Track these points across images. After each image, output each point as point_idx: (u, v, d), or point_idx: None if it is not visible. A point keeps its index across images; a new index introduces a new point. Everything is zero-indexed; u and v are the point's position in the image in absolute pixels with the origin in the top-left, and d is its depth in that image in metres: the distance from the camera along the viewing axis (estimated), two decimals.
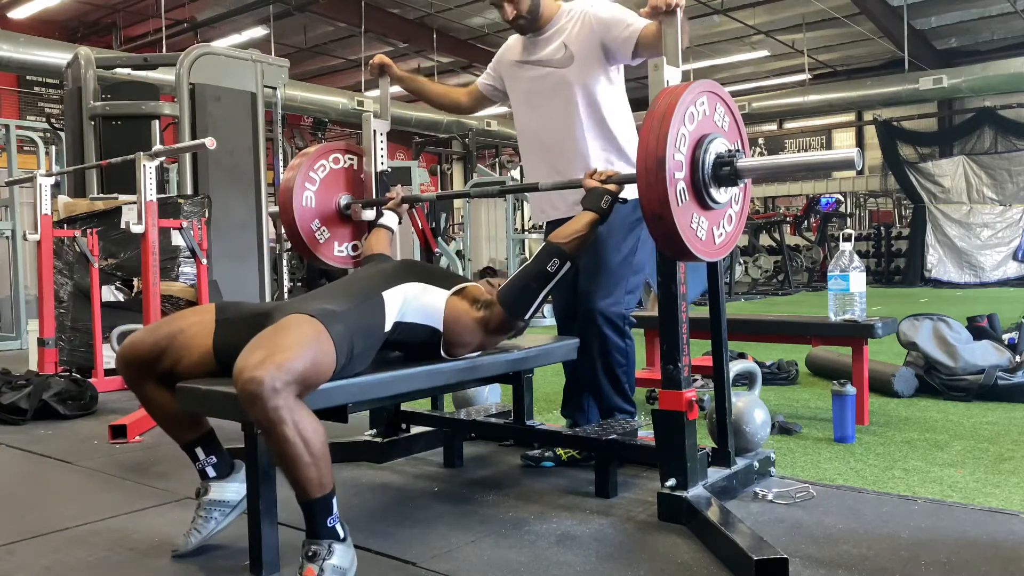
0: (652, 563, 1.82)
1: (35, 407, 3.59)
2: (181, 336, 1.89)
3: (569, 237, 2.11)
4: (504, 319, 2.13)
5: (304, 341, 1.66)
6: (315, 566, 1.62)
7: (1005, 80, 11.64)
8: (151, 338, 1.90)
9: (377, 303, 1.96)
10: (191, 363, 1.89)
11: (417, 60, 15.20)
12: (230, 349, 1.77)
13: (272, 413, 1.55)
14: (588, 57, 2.49)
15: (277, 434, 1.58)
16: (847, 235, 3.35)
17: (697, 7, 11.81)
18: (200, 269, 4.15)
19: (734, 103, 2.04)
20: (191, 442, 1.98)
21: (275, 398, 1.55)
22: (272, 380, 1.55)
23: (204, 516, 1.95)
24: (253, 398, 1.55)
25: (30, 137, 7.58)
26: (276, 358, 1.58)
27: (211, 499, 1.97)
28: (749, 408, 2.43)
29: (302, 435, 1.59)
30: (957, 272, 12.42)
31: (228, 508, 1.97)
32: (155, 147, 3.89)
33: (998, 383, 3.56)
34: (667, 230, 1.81)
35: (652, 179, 1.78)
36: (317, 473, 1.63)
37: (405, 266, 2.20)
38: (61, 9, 12.86)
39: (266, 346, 1.63)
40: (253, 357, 1.59)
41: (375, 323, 1.94)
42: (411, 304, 2.04)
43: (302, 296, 2.08)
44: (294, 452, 1.59)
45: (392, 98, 3.05)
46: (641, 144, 1.81)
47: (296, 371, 1.59)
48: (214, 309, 1.97)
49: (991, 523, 2.03)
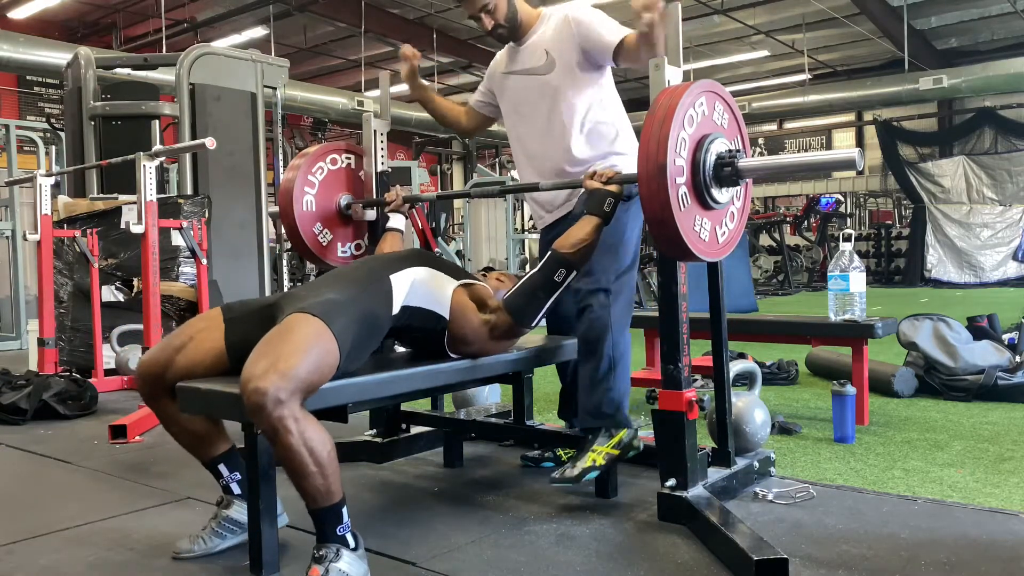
0: (652, 563, 1.82)
1: (35, 407, 3.59)
2: (192, 344, 1.91)
3: (575, 247, 2.07)
4: (511, 326, 2.13)
5: (306, 344, 1.68)
6: (320, 567, 1.63)
7: (1005, 80, 11.64)
8: (162, 352, 1.92)
9: (384, 286, 1.98)
10: (206, 367, 1.90)
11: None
12: (242, 346, 1.81)
13: (277, 423, 1.58)
14: (570, 61, 2.41)
15: (282, 443, 1.60)
16: (847, 235, 3.35)
17: (697, 7, 11.81)
18: (200, 269, 4.15)
19: (734, 102, 2.04)
20: (214, 459, 1.99)
21: (279, 408, 1.57)
22: (276, 391, 1.57)
23: (218, 531, 1.95)
24: (258, 408, 1.57)
25: (30, 137, 7.59)
26: (280, 366, 1.60)
27: (230, 516, 1.97)
28: (749, 408, 2.44)
29: (307, 444, 1.60)
30: (957, 272, 12.42)
31: (243, 531, 1.94)
32: (155, 147, 3.89)
33: (998, 383, 3.56)
34: (670, 233, 1.81)
35: (654, 184, 1.78)
36: (324, 482, 1.64)
37: (414, 252, 2.22)
38: (61, 9, 12.86)
39: (270, 354, 1.64)
40: (258, 366, 1.61)
41: (381, 308, 1.96)
42: (418, 288, 2.05)
43: (310, 283, 2.09)
44: (299, 461, 1.60)
45: (392, 98, 3.05)
46: (642, 148, 1.81)
47: (300, 379, 1.62)
48: (220, 311, 1.98)
49: (991, 523, 2.03)
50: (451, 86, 17.47)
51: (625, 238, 2.37)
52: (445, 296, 2.10)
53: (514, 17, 2.47)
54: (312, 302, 1.80)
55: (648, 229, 1.91)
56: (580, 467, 2.16)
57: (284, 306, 1.88)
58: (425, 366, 2.13)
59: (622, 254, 2.36)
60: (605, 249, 2.25)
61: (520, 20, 2.49)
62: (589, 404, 2.29)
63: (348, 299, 1.86)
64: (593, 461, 2.17)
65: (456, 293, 2.12)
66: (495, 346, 2.20)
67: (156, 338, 3.53)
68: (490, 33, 2.51)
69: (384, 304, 1.96)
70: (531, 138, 2.53)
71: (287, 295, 1.98)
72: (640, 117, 1.86)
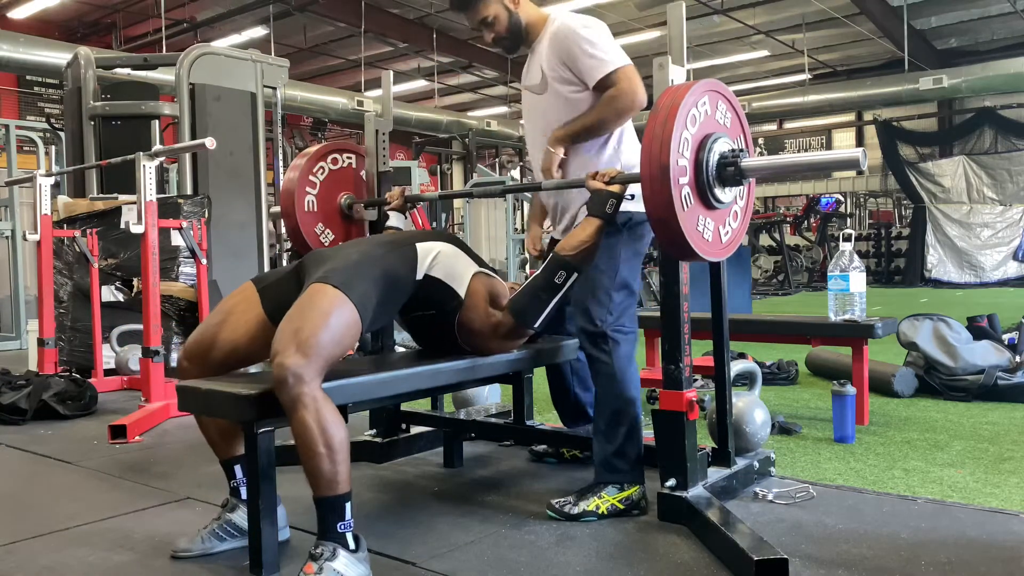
0: (652, 563, 1.82)
1: (35, 407, 3.59)
2: (232, 318, 1.99)
3: (576, 249, 2.06)
4: (515, 327, 2.15)
5: (328, 317, 1.74)
6: (315, 564, 1.63)
7: (1005, 80, 11.63)
8: (204, 332, 1.99)
9: (409, 252, 2.06)
10: (250, 337, 1.97)
11: (417, 60, 15.20)
12: (280, 309, 1.87)
13: (297, 398, 1.64)
14: (561, 79, 2.26)
15: (297, 418, 1.65)
16: (847, 235, 3.35)
17: (697, 7, 11.81)
18: (200, 269, 4.15)
19: (737, 101, 2.04)
20: (233, 459, 2.00)
21: (300, 385, 1.64)
22: (297, 367, 1.64)
23: (218, 533, 1.95)
24: (281, 383, 1.65)
25: (30, 137, 7.58)
26: (301, 343, 1.67)
27: (232, 520, 1.97)
28: (749, 408, 2.44)
29: (320, 423, 1.65)
30: (957, 272, 12.43)
31: (242, 536, 1.93)
32: (155, 147, 3.89)
33: (998, 383, 3.56)
34: (673, 234, 1.81)
35: (656, 184, 1.78)
36: (331, 467, 1.66)
37: (441, 231, 2.27)
38: (61, 9, 12.85)
39: (293, 330, 1.71)
40: (281, 341, 1.69)
41: (404, 268, 2.02)
42: (442, 261, 2.10)
43: (338, 246, 2.15)
44: (311, 437, 1.65)
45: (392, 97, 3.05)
46: (644, 149, 1.80)
47: (321, 355, 1.69)
48: (251, 283, 2.07)
49: (991, 523, 2.03)
50: (451, 86, 17.48)
51: (621, 276, 2.23)
52: (465, 276, 2.14)
53: (517, 26, 2.34)
54: (331, 269, 1.86)
55: (652, 229, 1.90)
56: (582, 508, 2.13)
57: (310, 267, 1.96)
58: (425, 366, 2.13)
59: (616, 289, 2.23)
60: (599, 284, 2.21)
61: (526, 28, 2.34)
62: (601, 455, 2.22)
63: (369, 259, 1.94)
64: (596, 507, 2.13)
65: (475, 278, 2.16)
66: (499, 344, 2.21)
67: (156, 338, 3.53)
68: (493, 46, 2.44)
69: (408, 266, 2.03)
70: (533, 151, 2.44)
71: (313, 255, 2.04)
72: (641, 117, 1.86)
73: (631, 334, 2.28)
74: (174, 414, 3.56)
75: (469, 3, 2.33)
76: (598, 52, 2.18)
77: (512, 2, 2.33)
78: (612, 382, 2.21)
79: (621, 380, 2.21)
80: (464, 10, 2.37)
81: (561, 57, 2.24)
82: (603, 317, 2.21)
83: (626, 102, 2.17)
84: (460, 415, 2.83)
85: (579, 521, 2.11)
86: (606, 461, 2.20)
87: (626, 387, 2.22)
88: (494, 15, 2.32)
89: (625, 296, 2.25)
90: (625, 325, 2.25)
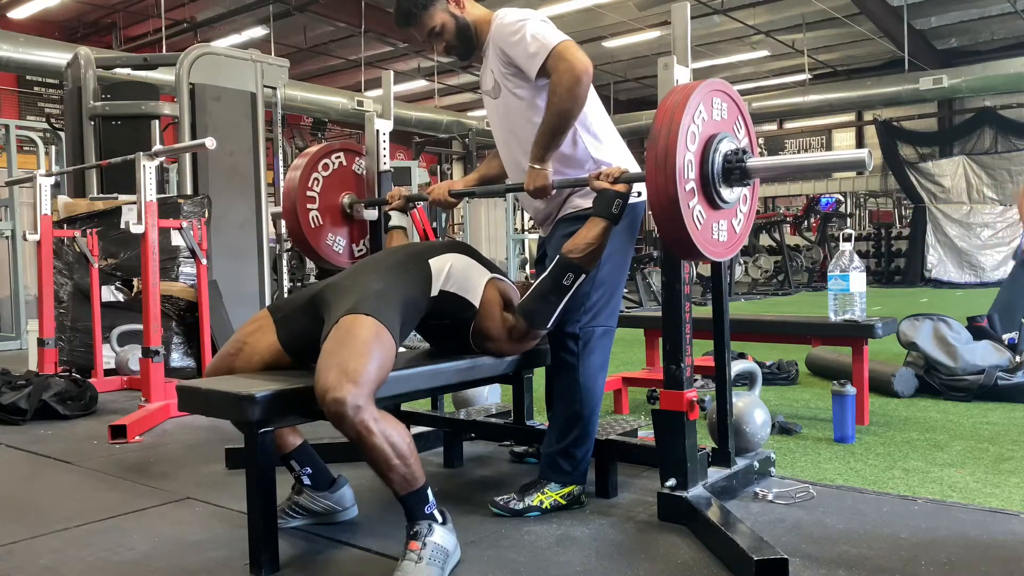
0: (652, 563, 1.82)
1: (35, 407, 3.59)
2: (247, 348, 2.04)
3: (583, 250, 2.05)
4: (526, 329, 2.16)
5: (368, 347, 1.78)
6: (418, 541, 1.74)
7: (1005, 80, 11.64)
8: (221, 362, 2.04)
9: (423, 270, 2.08)
10: (264, 367, 2.03)
11: (417, 60, 15.21)
12: (297, 341, 2.02)
13: (361, 427, 1.70)
14: (510, 79, 2.21)
15: (367, 444, 1.71)
16: (847, 235, 3.35)
17: (697, 7, 11.80)
18: (200, 269, 4.15)
19: (742, 101, 2.04)
20: (286, 455, 2.11)
21: (359, 414, 1.69)
22: (354, 399, 1.68)
23: (288, 512, 2.12)
24: (340, 417, 1.69)
25: (30, 137, 7.59)
26: (351, 374, 1.71)
27: (299, 501, 2.14)
28: (749, 408, 2.43)
29: (389, 440, 1.72)
30: (957, 272, 12.42)
31: (308, 515, 2.15)
32: (155, 147, 3.88)
33: (998, 383, 3.56)
34: (676, 230, 1.81)
35: (662, 183, 1.77)
36: (408, 471, 1.75)
37: (451, 242, 2.29)
38: (61, 9, 12.86)
39: (338, 364, 1.73)
40: (330, 377, 1.71)
41: (420, 291, 2.05)
42: (455, 275, 2.12)
43: (351, 270, 2.13)
44: (384, 456, 1.72)
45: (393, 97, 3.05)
46: (650, 148, 1.80)
47: (371, 382, 1.75)
48: (267, 312, 2.11)
49: (991, 523, 2.03)
50: (451, 86, 17.48)
51: (600, 273, 2.17)
52: (479, 286, 2.16)
53: (466, 31, 2.27)
54: (360, 299, 1.89)
55: (655, 228, 1.90)
56: (527, 503, 2.16)
57: (329, 299, 1.98)
58: (425, 366, 2.13)
59: (595, 288, 2.18)
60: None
61: (475, 30, 2.28)
62: (549, 454, 2.24)
63: (392, 287, 1.97)
64: (540, 502, 2.17)
65: (489, 286, 2.17)
66: (513, 346, 2.24)
67: (156, 338, 3.53)
68: (447, 55, 2.37)
69: (424, 286, 2.06)
70: (504, 155, 2.40)
71: (329, 285, 2.05)
72: (640, 117, 1.87)
73: (607, 335, 2.24)
74: (174, 414, 3.56)
75: (413, 16, 2.26)
76: (529, 46, 2.11)
77: (457, 7, 2.26)
78: (576, 388, 2.19)
79: (588, 390, 2.19)
80: (410, 25, 2.29)
81: (502, 59, 2.20)
82: (576, 316, 2.17)
83: (570, 82, 2.05)
84: (460, 415, 2.82)
85: (523, 516, 2.15)
86: (552, 459, 2.23)
87: (590, 397, 2.20)
88: (441, 23, 2.26)
89: (603, 294, 2.21)
90: (601, 324, 2.21)
